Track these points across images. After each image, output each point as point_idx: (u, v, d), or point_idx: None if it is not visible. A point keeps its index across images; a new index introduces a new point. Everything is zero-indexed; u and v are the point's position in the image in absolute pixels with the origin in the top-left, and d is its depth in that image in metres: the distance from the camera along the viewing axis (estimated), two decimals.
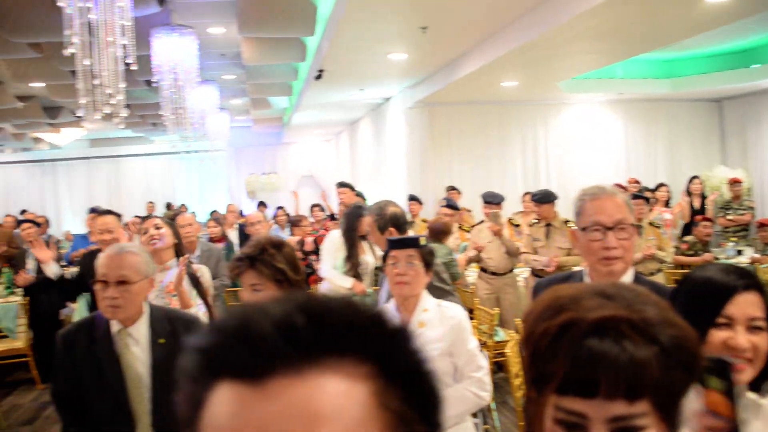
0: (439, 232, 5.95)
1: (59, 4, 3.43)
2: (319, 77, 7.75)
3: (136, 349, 2.51)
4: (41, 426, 6.01)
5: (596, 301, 0.83)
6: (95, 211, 7.59)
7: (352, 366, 0.55)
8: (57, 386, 2.60)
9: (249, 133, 16.58)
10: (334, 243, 4.78)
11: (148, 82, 8.22)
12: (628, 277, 2.05)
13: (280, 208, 10.70)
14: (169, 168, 17.63)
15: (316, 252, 6.18)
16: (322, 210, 8.64)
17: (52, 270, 4.45)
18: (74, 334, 2.57)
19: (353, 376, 0.54)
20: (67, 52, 3.55)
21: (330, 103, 10.83)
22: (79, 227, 15.84)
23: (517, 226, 7.41)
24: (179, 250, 3.76)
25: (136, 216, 7.56)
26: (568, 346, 0.80)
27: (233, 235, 8.05)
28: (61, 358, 2.56)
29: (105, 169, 17.84)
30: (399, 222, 3.85)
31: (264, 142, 17.01)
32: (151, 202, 13.84)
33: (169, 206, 14.18)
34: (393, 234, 3.71)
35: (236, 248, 7.75)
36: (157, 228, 3.67)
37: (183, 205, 14.48)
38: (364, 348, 0.56)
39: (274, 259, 2.44)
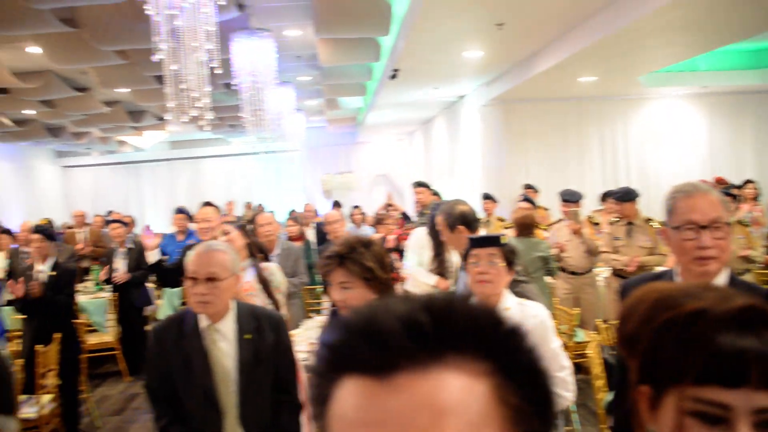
0: (526, 226, 5.84)
1: (148, 12, 3.56)
2: (394, 77, 7.78)
3: (224, 345, 2.58)
4: (129, 416, 6.26)
5: (714, 294, 0.82)
6: (182, 212, 7.83)
7: (473, 363, 0.56)
8: (149, 378, 2.70)
9: (323, 133, 16.79)
10: (419, 240, 4.77)
11: (227, 85, 8.43)
12: (722, 278, 1.97)
13: (356, 207, 10.80)
14: (247, 168, 18.04)
15: (396, 250, 6.19)
16: (395, 210, 8.66)
17: (154, 256, 4.68)
18: (165, 329, 2.67)
19: (474, 372, 0.56)
20: (156, 57, 3.69)
21: (404, 102, 10.86)
22: (161, 226, 16.41)
23: (597, 224, 7.25)
24: (253, 249, 3.83)
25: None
26: (704, 336, 0.80)
27: (310, 234, 8.17)
28: (153, 352, 2.66)
29: (185, 170, 18.41)
30: (468, 220, 3.82)
31: (338, 141, 17.20)
32: (230, 202, 14.18)
33: (248, 205, 14.50)
34: (463, 232, 3.70)
35: (314, 247, 7.87)
36: (225, 233, 3.75)
37: (261, 204, 14.78)
38: (483, 346, 0.57)
39: (363, 257, 2.47)
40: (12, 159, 15.86)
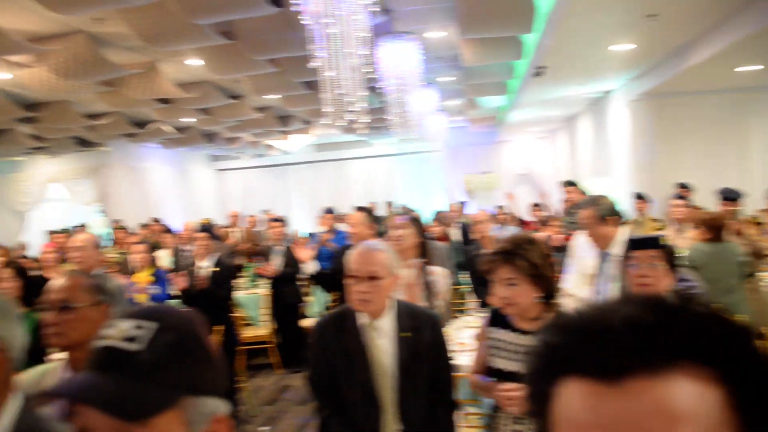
0: (718, 228, 5.09)
1: (304, 22, 3.73)
2: (538, 74, 7.65)
3: (382, 342, 2.65)
4: (282, 407, 6.54)
5: None
6: (331, 212, 8.11)
7: (704, 368, 0.55)
8: (312, 371, 2.82)
9: (464, 133, 16.75)
10: (581, 247, 4.67)
11: (371, 88, 8.63)
12: None
13: (500, 206, 10.71)
14: (389, 169, 18.35)
15: (560, 250, 6.05)
16: (543, 210, 8.50)
17: (311, 268, 4.85)
18: (327, 324, 2.78)
19: (706, 378, 0.55)
20: (312, 65, 3.86)
21: (548, 100, 10.64)
22: (306, 225, 17.04)
23: (761, 224, 6.77)
24: (424, 249, 3.88)
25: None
26: None
27: (455, 234, 8.19)
28: (315, 346, 2.78)
29: (329, 172, 18.99)
30: (617, 211, 3.72)
31: (479, 141, 17.09)
32: (373, 203, 14.50)
33: (389, 205, 14.74)
34: (612, 224, 3.59)
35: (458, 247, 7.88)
36: (400, 229, 3.81)
37: (405, 205, 14.98)
38: (715, 351, 0.56)
39: (530, 254, 2.47)
40: (172, 163, 17.07)
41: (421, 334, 2.67)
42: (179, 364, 0.95)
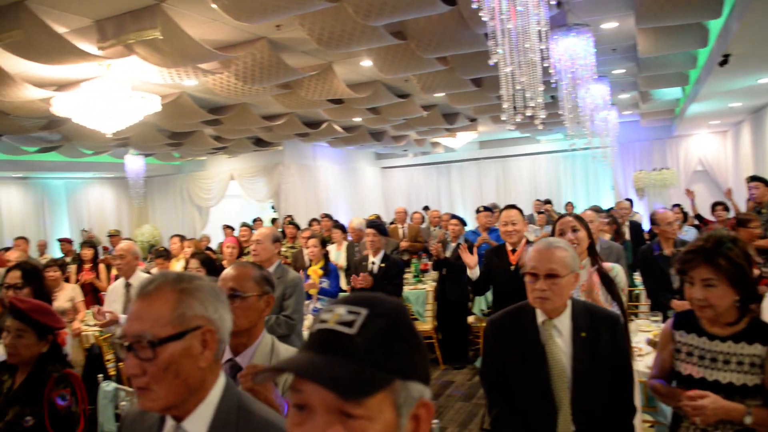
0: None
1: (484, 19, 3.72)
2: (723, 63, 7.12)
3: (559, 341, 2.60)
4: (444, 402, 6.59)
5: None
6: (488, 209, 8.05)
7: None
8: (485, 367, 2.83)
9: (635, 128, 15.97)
10: None
11: (544, 83, 8.46)
12: None
13: (676, 205, 10.12)
14: (555, 166, 17.91)
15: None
16: (727, 209, 7.89)
17: (476, 274, 4.86)
18: (502, 321, 2.77)
19: None
20: (492, 61, 3.85)
21: (731, 91, 9.88)
22: (470, 224, 17.03)
23: None
24: (593, 249, 3.76)
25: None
26: None
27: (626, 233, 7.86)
28: (489, 342, 2.78)
29: (493, 169, 18.84)
30: None
31: (651, 136, 16.22)
32: (538, 200, 14.22)
33: (547, 202, 14.38)
34: None
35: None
36: (575, 231, 3.71)
37: (569, 203, 14.57)
38: None
39: (733, 253, 2.33)
40: (340, 161, 17.71)
41: (600, 334, 2.59)
42: (390, 348, 1.00)
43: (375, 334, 0.99)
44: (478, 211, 8.15)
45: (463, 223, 7.94)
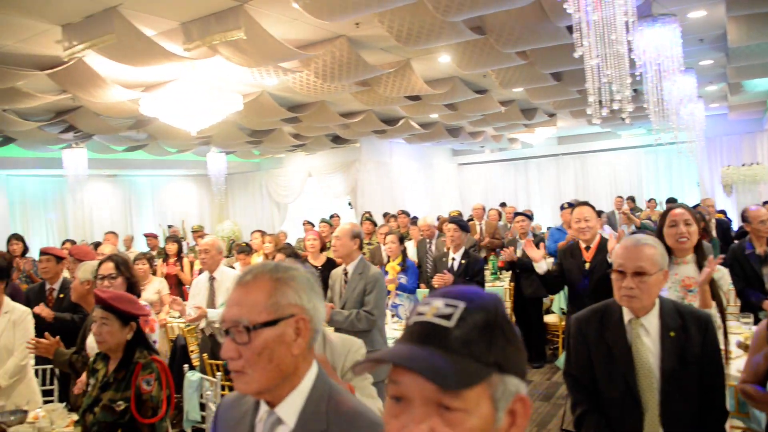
0: None
1: (568, 11, 3.65)
2: None
3: (647, 340, 2.53)
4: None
5: None
6: (572, 205, 7.91)
7: None
8: (570, 365, 2.77)
9: (723, 121, 15.31)
10: None
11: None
12: None
13: (767, 202, 9.68)
14: (636, 161, 17.39)
15: None
16: None
17: (542, 268, 4.80)
18: (587, 319, 2.71)
19: None
20: (576, 53, 3.77)
21: None
22: (548, 221, 16.76)
23: None
24: (701, 248, 3.63)
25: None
26: None
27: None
28: (574, 340, 2.73)
29: (572, 165, 18.46)
30: None
31: (740, 129, 15.50)
32: (619, 197, 13.86)
33: (632, 199, 13.99)
34: None
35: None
36: (687, 224, 3.58)
37: (652, 199, 14.13)
38: None
39: None
40: (416, 158, 17.72)
41: (690, 335, 2.51)
42: (488, 341, 1.00)
43: (473, 327, 0.99)
44: (562, 208, 8.01)
45: (530, 218, 7.83)
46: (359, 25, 6.41)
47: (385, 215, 12.35)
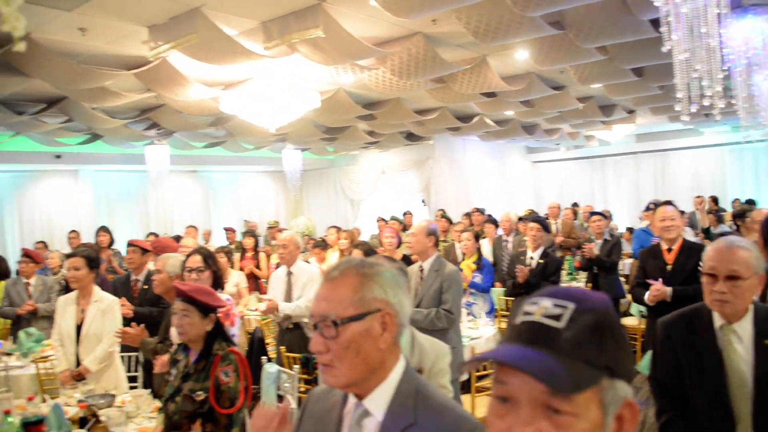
0: None
1: (656, 4, 3.54)
2: None
3: (739, 347, 2.43)
4: None
5: None
6: (657, 205, 7.69)
7: None
8: (655, 370, 2.69)
9: None
10: None
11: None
12: None
13: None
14: (720, 160, 16.69)
15: None
16: None
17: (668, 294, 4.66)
18: (674, 324, 2.62)
19: None
20: (664, 48, 3.65)
21: None
22: (625, 221, 16.31)
23: None
24: None
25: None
26: None
27: None
28: (660, 345, 2.65)
29: (651, 164, 17.90)
30: None
31: None
32: (699, 196, 13.36)
33: (715, 200, 13.46)
34: None
35: None
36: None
37: (737, 200, 13.59)
38: None
39: None
40: (491, 155, 17.55)
41: None
42: (598, 344, 0.97)
43: (583, 329, 0.97)
44: (648, 209, 7.80)
45: (607, 218, 7.65)
46: (436, 21, 6.39)
47: (467, 214, 12.27)
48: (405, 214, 13.61)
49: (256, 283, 9.04)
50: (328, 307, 1.52)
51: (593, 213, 7.93)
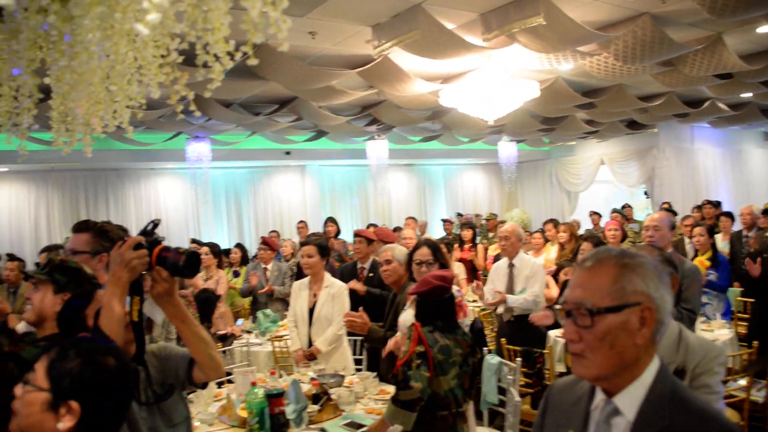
0: None
1: None
2: None
3: None
4: None
5: None
6: None
7: None
8: None
9: None
10: None
11: None
12: None
13: None
14: None
15: None
16: None
17: None
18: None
19: None
20: None
21: None
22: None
23: None
24: None
25: None
26: None
27: None
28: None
29: None
30: None
31: None
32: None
33: None
34: None
35: None
36: None
37: None
38: None
39: None
40: (722, 143, 16.16)
41: None
42: None
43: None
44: None
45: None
46: (666, 0, 5.99)
47: (698, 206, 11.40)
48: (624, 207, 12.98)
49: (473, 275, 9.11)
50: (583, 294, 1.47)
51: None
